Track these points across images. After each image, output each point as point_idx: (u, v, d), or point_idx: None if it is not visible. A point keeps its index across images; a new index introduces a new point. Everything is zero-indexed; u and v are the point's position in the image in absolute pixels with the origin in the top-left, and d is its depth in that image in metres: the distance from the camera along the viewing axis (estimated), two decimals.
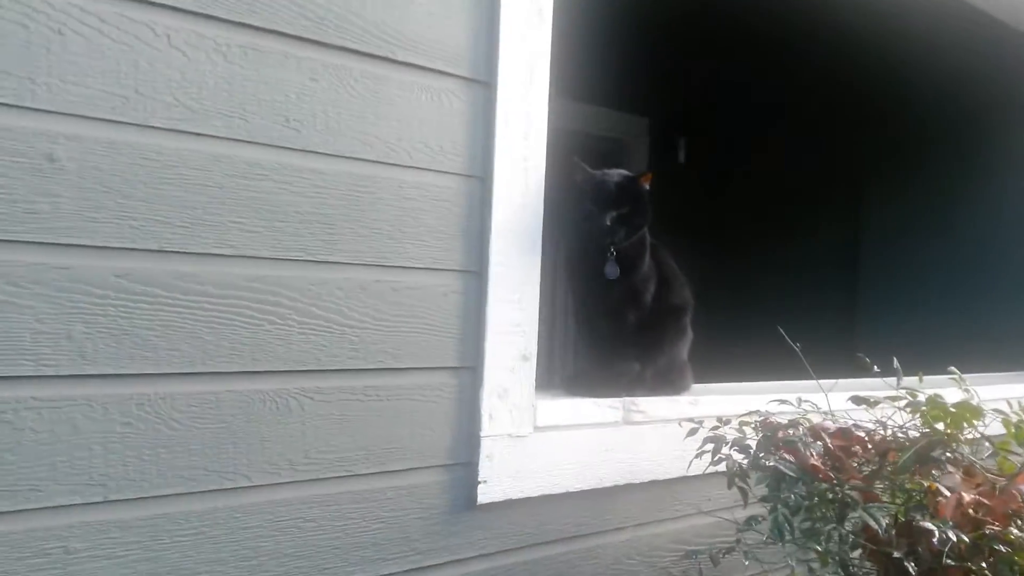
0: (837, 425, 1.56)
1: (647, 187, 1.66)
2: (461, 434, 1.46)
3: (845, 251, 4.41)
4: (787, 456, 1.47)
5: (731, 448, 1.51)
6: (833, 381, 1.65)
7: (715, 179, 4.93)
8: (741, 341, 4.13)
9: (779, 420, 1.57)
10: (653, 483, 1.72)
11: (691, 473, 1.63)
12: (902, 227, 4.14)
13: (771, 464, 1.42)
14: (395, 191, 1.37)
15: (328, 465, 1.32)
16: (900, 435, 1.49)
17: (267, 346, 1.25)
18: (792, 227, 4.60)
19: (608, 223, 1.59)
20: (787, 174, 4.60)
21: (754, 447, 1.50)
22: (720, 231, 5.00)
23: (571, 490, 1.59)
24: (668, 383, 1.75)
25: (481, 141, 1.46)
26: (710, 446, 1.51)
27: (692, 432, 1.55)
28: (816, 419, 1.59)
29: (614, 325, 1.71)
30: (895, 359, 1.52)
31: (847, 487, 1.41)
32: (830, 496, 1.40)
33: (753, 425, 1.55)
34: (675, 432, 1.66)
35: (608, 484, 1.65)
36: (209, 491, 1.21)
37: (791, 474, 1.39)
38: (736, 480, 1.49)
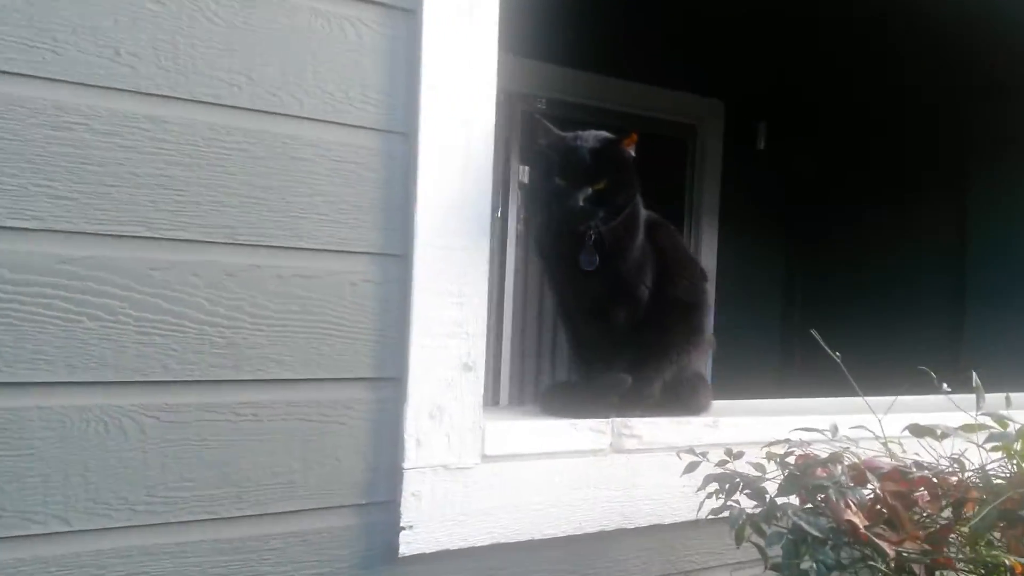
0: (894, 463, 1.15)
1: (632, 153, 1.29)
2: (379, 465, 1.13)
3: (950, 255, 3.83)
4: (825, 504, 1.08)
5: (741, 491, 1.12)
6: (891, 399, 1.24)
7: (799, 170, 4.41)
8: (826, 354, 3.65)
9: (816, 453, 1.18)
10: (656, 528, 1.34)
11: (706, 516, 1.24)
12: (1014, 229, 3.54)
13: (789, 517, 1.03)
14: (279, 149, 1.06)
15: (183, 505, 1.01)
16: (980, 480, 1.07)
17: (89, 350, 0.95)
18: (890, 226, 4.03)
19: (581, 203, 1.22)
20: (884, 166, 4.05)
21: (774, 491, 1.11)
22: (803, 230, 4.48)
23: (538, 537, 1.23)
24: (676, 400, 1.36)
25: (403, 86, 1.13)
26: (713, 486, 1.13)
27: (692, 467, 1.17)
28: (868, 453, 1.18)
29: (598, 326, 1.35)
30: (974, 374, 1.10)
31: (901, 552, 1.01)
32: (875, 566, 1.00)
33: (779, 459, 1.16)
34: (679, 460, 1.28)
35: (591, 530, 1.28)
36: (9, 538, 0.93)
37: (814, 532, 0.99)
38: (748, 535, 1.10)
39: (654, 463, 1.33)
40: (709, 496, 1.14)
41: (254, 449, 1.05)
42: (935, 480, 1.12)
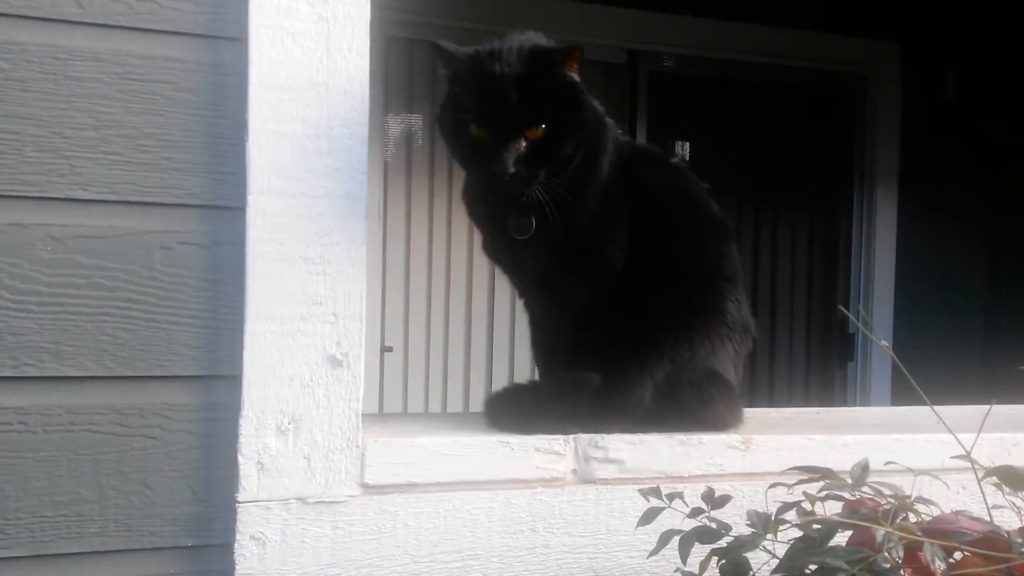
0: (986, 526, 0.69)
1: (576, 76, 0.89)
2: (213, 496, 0.83)
3: None
4: None
5: (719, 560, 0.71)
6: (984, 409, 0.78)
7: (1002, 121, 3.58)
8: None
9: (874, 498, 0.76)
10: None
11: None
12: None
13: None
14: (49, 67, 0.78)
15: None
16: None
17: None
18: None
19: (512, 168, 0.84)
20: None
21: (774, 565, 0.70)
22: (1010, 197, 3.63)
23: None
24: (679, 410, 0.94)
25: None
26: (674, 541, 0.73)
27: (649, 517, 0.77)
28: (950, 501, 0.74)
29: (552, 307, 0.97)
30: None
31: None
32: None
33: (804, 509, 0.74)
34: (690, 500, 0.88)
35: None
36: None
37: None
38: None
39: (642, 501, 0.93)
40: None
41: (24, 469, 0.78)
42: None
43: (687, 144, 3.60)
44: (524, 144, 0.85)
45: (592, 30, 3.20)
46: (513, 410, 0.94)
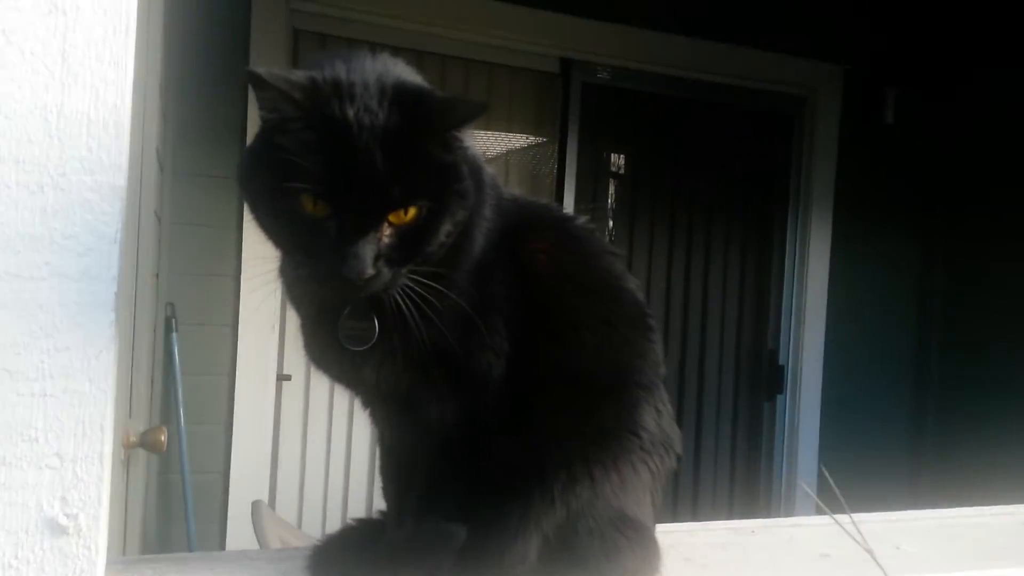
0: None
1: (463, 140, 0.62)
2: None
3: None
4: None
5: None
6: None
7: (943, 150, 3.45)
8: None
9: None
10: None
11: None
12: None
13: None
14: None
15: None
16: None
17: None
18: None
19: (370, 270, 0.57)
20: None
21: None
22: (949, 231, 3.49)
23: None
24: (576, 565, 0.68)
25: None
26: None
27: None
28: None
29: (400, 427, 0.70)
30: None
31: None
32: None
33: None
34: None
35: None
36: None
37: None
38: None
39: None
40: None
41: None
42: None
43: (621, 156, 3.40)
44: (389, 232, 0.59)
45: (523, 35, 2.95)
46: (346, 571, 0.67)
